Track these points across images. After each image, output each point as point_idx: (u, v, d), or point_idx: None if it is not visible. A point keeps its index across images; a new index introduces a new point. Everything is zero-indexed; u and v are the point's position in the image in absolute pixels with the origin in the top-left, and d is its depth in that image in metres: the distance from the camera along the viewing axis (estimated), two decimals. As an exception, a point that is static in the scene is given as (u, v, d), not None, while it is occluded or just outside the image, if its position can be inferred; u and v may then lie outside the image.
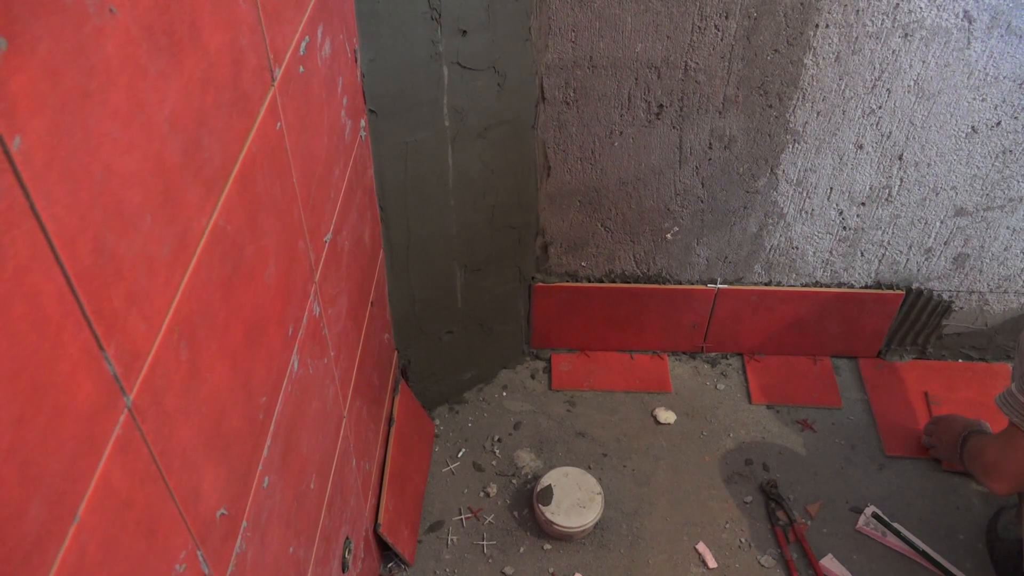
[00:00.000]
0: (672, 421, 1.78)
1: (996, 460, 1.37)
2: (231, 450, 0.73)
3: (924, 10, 1.35)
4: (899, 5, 1.35)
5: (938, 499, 1.64)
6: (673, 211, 1.65)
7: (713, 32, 1.39)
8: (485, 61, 1.36)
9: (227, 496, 0.72)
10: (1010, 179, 1.57)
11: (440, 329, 1.68)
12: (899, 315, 1.82)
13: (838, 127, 1.51)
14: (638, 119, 1.51)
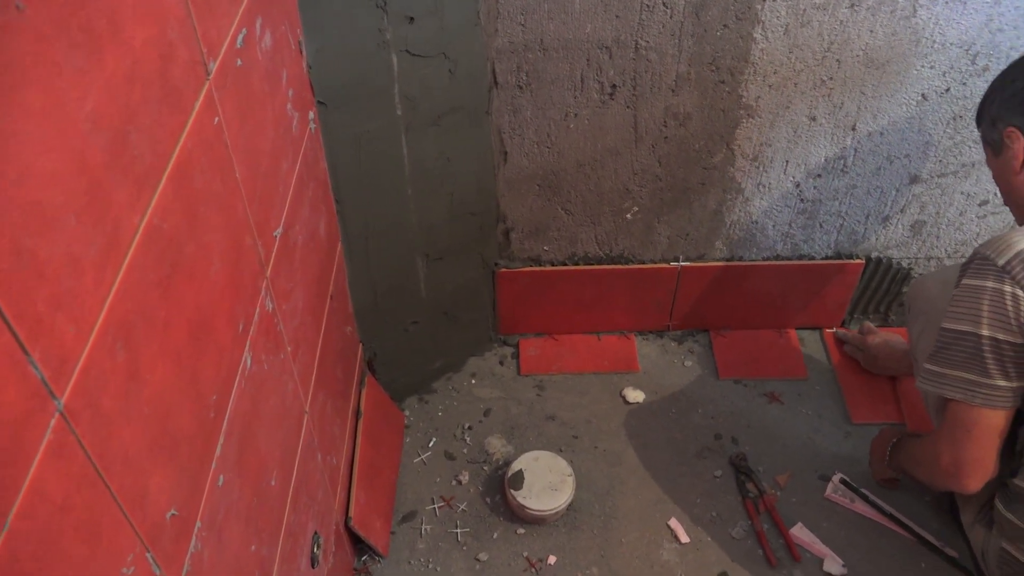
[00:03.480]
0: (641, 400, 1.79)
1: (953, 455, 1.23)
2: (180, 450, 0.72)
3: (869, -20, 1.36)
4: (844, -24, 1.36)
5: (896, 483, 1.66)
6: (632, 191, 1.65)
7: (662, 10, 1.39)
8: (435, 48, 1.35)
9: (178, 496, 0.71)
10: (961, 145, 1.59)
11: (405, 319, 1.67)
12: (860, 284, 1.84)
13: (791, 100, 1.52)
14: (592, 100, 1.51)
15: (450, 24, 1.33)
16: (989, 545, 1.33)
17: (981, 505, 1.35)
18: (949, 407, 1.23)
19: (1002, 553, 1.30)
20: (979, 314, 1.16)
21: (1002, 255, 1.14)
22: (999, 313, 1.14)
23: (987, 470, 1.22)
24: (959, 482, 1.24)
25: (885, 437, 1.52)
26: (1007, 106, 1.22)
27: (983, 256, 1.16)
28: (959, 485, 1.24)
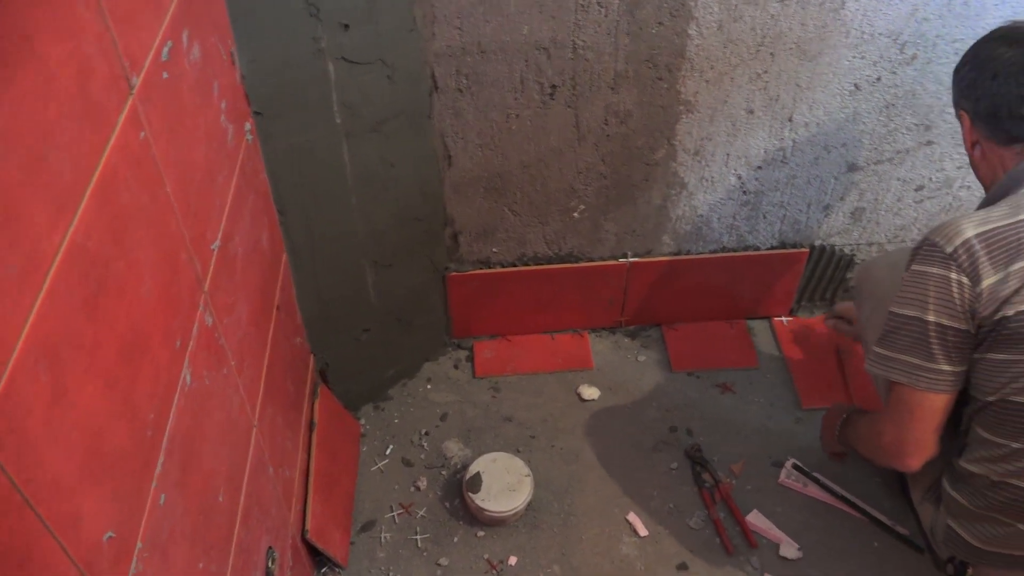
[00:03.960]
0: (596, 397, 1.80)
1: (895, 435, 1.25)
2: (116, 470, 0.71)
3: (797, -26, 1.39)
4: (772, -29, 1.38)
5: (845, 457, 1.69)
6: (577, 189, 1.66)
7: (597, 9, 1.40)
8: (372, 54, 1.34)
9: (116, 518, 0.70)
10: (895, 132, 1.63)
11: (356, 328, 1.66)
12: (806, 272, 1.87)
13: (728, 94, 1.54)
14: (533, 101, 1.51)
15: (386, 30, 1.33)
16: (937, 522, 1.37)
17: (930, 483, 1.39)
18: (894, 389, 1.25)
19: (948, 530, 1.33)
20: (926, 300, 1.17)
21: (951, 242, 1.15)
22: (945, 299, 1.16)
23: (927, 450, 1.24)
24: (900, 461, 1.26)
25: (836, 412, 1.53)
26: (959, 91, 1.25)
27: (932, 242, 1.18)
28: (900, 464, 1.27)
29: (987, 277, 1.12)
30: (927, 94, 1.57)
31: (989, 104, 1.18)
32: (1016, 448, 1.18)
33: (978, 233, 1.14)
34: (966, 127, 1.25)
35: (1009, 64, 1.16)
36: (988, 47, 1.20)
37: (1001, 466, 1.21)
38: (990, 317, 1.13)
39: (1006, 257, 1.12)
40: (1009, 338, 1.13)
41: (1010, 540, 1.25)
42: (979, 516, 1.26)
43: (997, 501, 1.23)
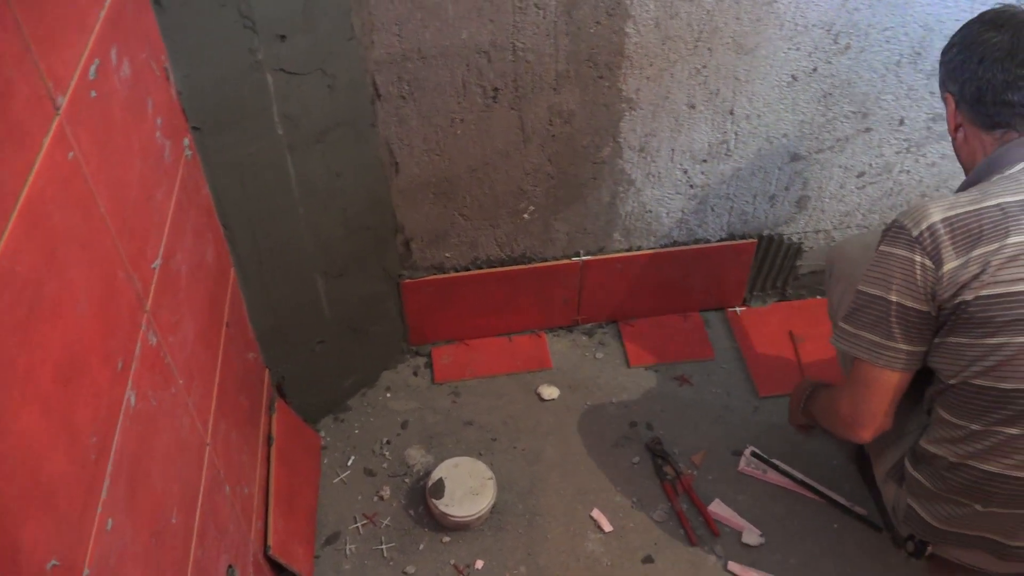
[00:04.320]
0: (556, 396, 1.81)
1: (851, 407, 1.29)
2: (57, 497, 0.69)
3: (729, -31, 1.41)
4: (705, -33, 1.40)
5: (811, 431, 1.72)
6: (526, 191, 1.67)
7: (534, 11, 1.41)
8: (311, 64, 1.33)
9: (59, 545, 0.69)
10: (834, 121, 1.66)
11: (311, 340, 1.65)
12: (756, 263, 1.90)
13: (669, 90, 1.56)
14: (476, 105, 1.52)
15: (324, 39, 1.33)
16: (898, 501, 1.39)
17: (894, 463, 1.41)
18: (855, 364, 1.28)
19: (908, 509, 1.36)
20: (890, 280, 1.20)
21: (917, 225, 1.17)
22: (908, 281, 1.18)
23: (880, 424, 1.28)
24: (854, 431, 1.30)
25: (803, 387, 1.56)
26: (946, 73, 1.26)
27: (900, 225, 1.20)
28: (854, 434, 1.30)
29: (949, 261, 1.14)
30: (862, 82, 1.61)
31: (975, 88, 1.19)
32: (975, 430, 1.21)
33: (944, 218, 1.15)
34: (951, 110, 1.26)
35: (996, 49, 1.17)
36: (976, 30, 1.21)
37: (960, 447, 1.23)
38: (949, 301, 1.15)
39: (968, 243, 1.13)
40: (968, 322, 1.15)
41: (966, 520, 1.28)
42: (938, 497, 1.29)
43: (955, 482, 1.26)
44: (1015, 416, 1.17)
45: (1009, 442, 1.18)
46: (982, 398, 1.19)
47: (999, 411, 1.18)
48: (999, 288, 1.12)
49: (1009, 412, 1.17)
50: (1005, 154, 1.19)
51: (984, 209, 1.15)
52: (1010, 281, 1.12)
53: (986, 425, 1.19)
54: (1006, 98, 1.17)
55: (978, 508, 1.26)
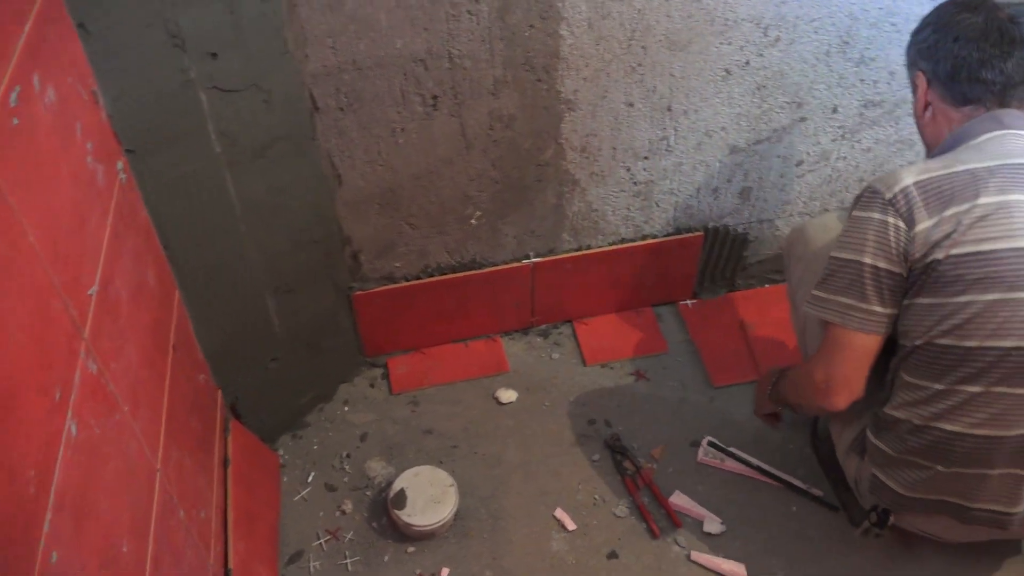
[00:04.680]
0: (514, 399, 1.81)
1: (825, 374, 1.31)
2: (-5, 534, 0.68)
3: (657, -32, 1.43)
4: (633, -33, 1.42)
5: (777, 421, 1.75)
6: (472, 196, 1.67)
7: (468, 18, 1.42)
8: (245, 80, 1.32)
9: (-1, 584, 0.67)
10: (770, 112, 1.69)
11: (263, 358, 1.63)
12: (703, 255, 1.93)
13: (606, 89, 1.58)
14: (416, 113, 1.52)
15: (257, 55, 1.32)
16: (862, 473, 1.43)
17: (855, 436, 1.44)
18: (827, 329, 1.31)
19: (873, 479, 1.39)
20: (864, 243, 1.24)
21: (890, 189, 1.22)
22: (882, 243, 1.22)
23: (854, 389, 1.30)
24: (828, 399, 1.32)
25: (769, 374, 1.58)
26: (919, 51, 1.31)
27: (874, 189, 1.24)
28: (828, 402, 1.32)
29: (921, 222, 1.19)
30: (795, 73, 1.64)
31: (950, 66, 1.25)
32: (939, 390, 1.25)
33: (916, 181, 1.21)
34: (922, 89, 1.31)
35: (971, 28, 1.23)
36: (949, 12, 1.27)
37: (924, 408, 1.27)
38: (921, 260, 1.20)
39: (940, 204, 1.19)
40: (938, 282, 1.19)
41: (930, 483, 1.31)
42: (901, 462, 1.32)
43: (918, 445, 1.29)
44: (976, 374, 1.21)
45: (971, 400, 1.22)
46: (946, 357, 1.22)
47: (961, 369, 1.21)
48: (969, 247, 1.17)
49: (971, 370, 1.21)
50: (971, 128, 1.25)
51: (955, 173, 1.20)
52: (979, 240, 1.17)
53: (949, 384, 1.23)
54: (980, 76, 1.23)
55: (940, 469, 1.29)
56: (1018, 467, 1.25)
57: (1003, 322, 1.17)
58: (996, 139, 1.22)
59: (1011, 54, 1.21)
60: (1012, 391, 1.20)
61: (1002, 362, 1.19)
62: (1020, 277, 1.16)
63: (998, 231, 1.16)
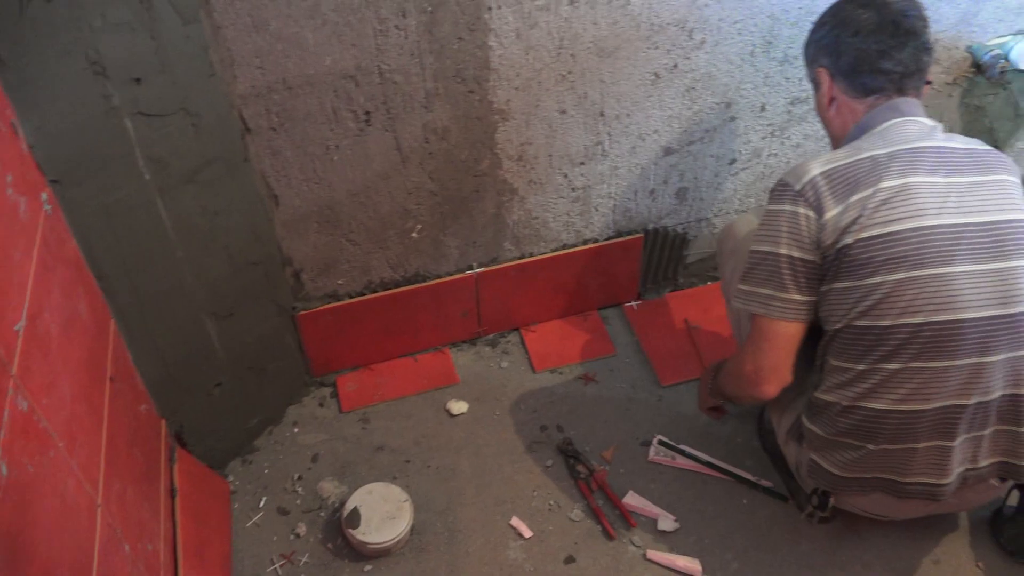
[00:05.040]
0: (465, 410, 1.81)
1: (754, 364, 1.35)
2: (-80, 583, 0.66)
3: (580, -23, 1.45)
4: (557, -24, 1.44)
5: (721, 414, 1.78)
6: (411, 210, 1.67)
7: (396, 33, 1.42)
8: (172, 105, 1.31)
9: (-73, 633, 0.65)
10: (700, 113, 1.73)
11: (207, 384, 1.61)
12: (645, 256, 1.95)
13: (539, 98, 1.59)
14: (350, 130, 1.51)
15: (183, 79, 1.30)
16: (801, 458, 1.46)
17: (791, 423, 1.48)
18: (753, 321, 1.36)
19: (811, 463, 1.42)
20: (779, 234, 1.29)
21: (799, 180, 1.28)
22: (795, 233, 1.28)
23: (782, 376, 1.35)
24: (759, 388, 1.36)
25: (709, 370, 1.62)
26: (819, 48, 1.38)
27: (784, 183, 1.31)
28: (759, 391, 1.37)
29: (830, 210, 1.25)
30: (722, 74, 1.68)
31: (852, 59, 1.32)
32: (862, 370, 1.29)
33: (823, 171, 1.27)
34: (825, 84, 1.37)
35: (867, 23, 1.30)
36: (846, 9, 1.34)
37: (850, 390, 1.31)
38: (833, 246, 1.25)
39: (846, 191, 1.25)
40: (850, 265, 1.25)
41: (863, 462, 1.36)
42: (834, 443, 1.36)
43: (848, 425, 1.33)
44: (894, 351, 1.26)
45: (891, 378, 1.27)
46: (865, 338, 1.27)
47: (879, 349, 1.27)
48: (876, 230, 1.23)
49: (888, 348, 1.26)
50: (873, 117, 1.32)
51: (858, 161, 1.26)
52: (884, 222, 1.23)
53: (870, 364, 1.28)
54: (880, 66, 1.30)
55: (871, 447, 1.33)
56: (941, 439, 1.30)
57: (912, 299, 1.23)
58: (895, 126, 1.29)
59: (906, 44, 1.29)
60: (927, 365, 1.25)
61: (915, 338, 1.24)
62: (923, 255, 1.22)
63: (900, 212, 1.22)
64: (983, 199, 1.25)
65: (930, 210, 1.23)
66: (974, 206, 1.24)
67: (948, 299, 1.22)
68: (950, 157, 1.27)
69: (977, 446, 1.33)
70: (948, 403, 1.27)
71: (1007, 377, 1.28)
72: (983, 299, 1.23)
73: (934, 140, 1.28)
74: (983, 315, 1.23)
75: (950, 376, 1.26)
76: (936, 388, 1.26)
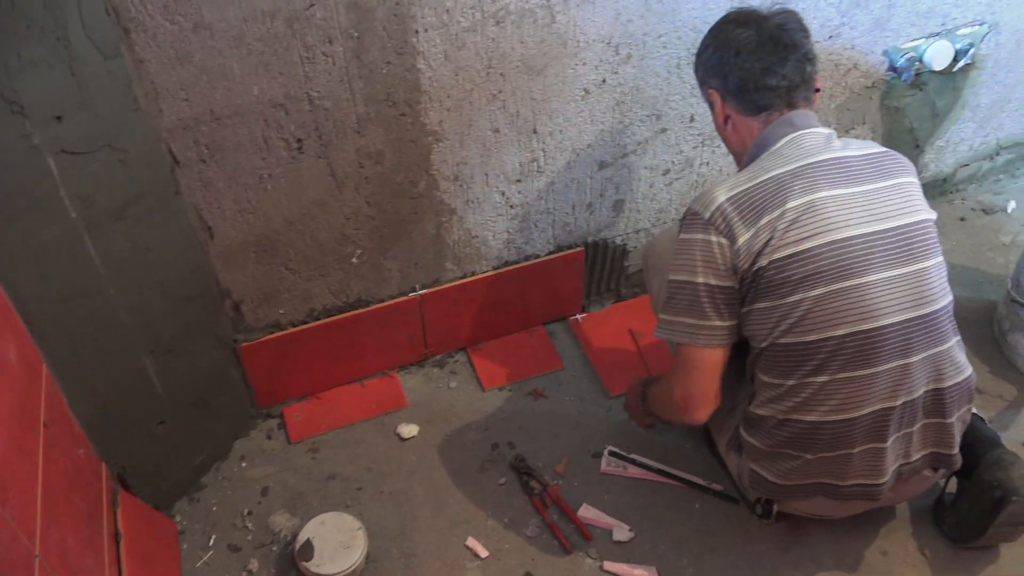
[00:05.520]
0: (416, 433, 1.80)
1: (683, 391, 1.38)
2: None
3: (505, -3, 1.47)
4: (482, -2, 1.46)
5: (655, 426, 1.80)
6: (350, 235, 1.66)
7: (323, 59, 1.42)
8: (96, 141, 1.29)
9: None
10: (631, 126, 1.75)
11: (148, 423, 1.57)
12: (587, 269, 1.97)
13: (471, 118, 1.60)
14: (282, 158, 1.50)
15: (106, 114, 1.28)
16: (742, 468, 1.49)
17: (731, 434, 1.50)
18: (678, 349, 1.38)
19: (752, 473, 1.45)
20: (694, 263, 1.31)
21: (707, 209, 1.30)
22: (709, 261, 1.30)
23: (711, 401, 1.38)
24: (689, 414, 1.39)
25: (636, 387, 1.63)
26: (706, 70, 1.40)
27: (693, 212, 1.33)
28: (689, 417, 1.39)
29: (741, 235, 1.27)
30: (649, 87, 1.71)
31: (737, 78, 1.34)
32: (791, 385, 1.32)
33: (729, 197, 1.29)
34: (718, 104, 1.39)
35: (747, 42, 1.32)
36: (726, 30, 1.37)
37: (782, 404, 1.34)
38: (749, 270, 1.27)
39: (754, 215, 1.27)
40: (768, 286, 1.27)
41: (802, 470, 1.38)
42: (773, 454, 1.39)
43: (785, 437, 1.36)
44: (821, 365, 1.29)
45: (821, 390, 1.30)
46: (790, 355, 1.30)
47: (807, 364, 1.30)
48: (788, 249, 1.25)
49: (815, 363, 1.29)
50: (770, 134, 1.34)
51: (762, 183, 1.29)
52: (796, 241, 1.25)
53: (799, 379, 1.31)
54: (765, 83, 1.33)
55: (808, 457, 1.36)
56: (875, 441, 1.34)
57: (833, 312, 1.26)
58: (793, 141, 1.32)
59: (787, 58, 1.32)
60: (855, 374, 1.29)
61: (840, 350, 1.27)
62: (839, 268, 1.26)
63: (811, 230, 1.25)
64: (888, 205, 1.29)
65: (839, 223, 1.26)
66: (880, 213, 1.28)
67: (868, 308, 1.26)
68: (850, 166, 1.31)
69: (908, 442, 1.37)
70: (878, 407, 1.31)
71: (928, 374, 1.33)
72: (899, 304, 1.27)
73: (832, 151, 1.31)
74: (901, 319, 1.27)
75: (877, 382, 1.29)
76: (865, 395, 1.30)
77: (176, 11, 1.27)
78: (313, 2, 1.35)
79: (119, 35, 1.25)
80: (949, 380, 1.34)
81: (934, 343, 1.31)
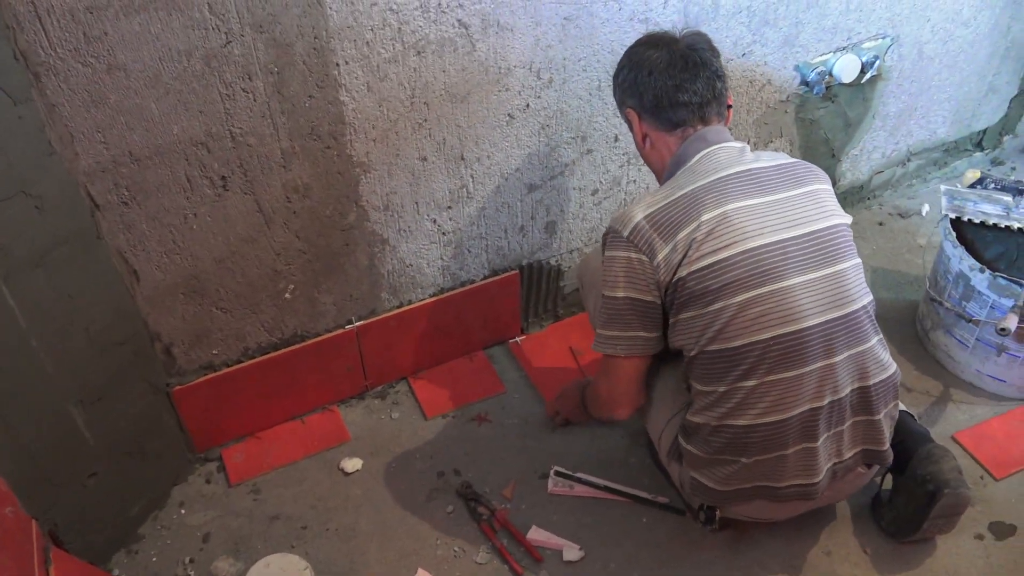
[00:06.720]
0: (360, 467, 1.78)
1: (607, 391, 1.50)
2: None
3: (424, 28, 1.49)
4: (401, 28, 1.47)
5: (606, 438, 1.81)
6: (281, 270, 1.65)
7: (243, 96, 1.41)
8: (10, 188, 1.26)
9: None
10: (557, 149, 1.78)
11: (79, 475, 1.52)
12: (523, 292, 1.99)
13: (398, 148, 1.61)
14: (207, 196, 1.49)
15: (19, 159, 1.25)
16: (683, 476, 1.51)
17: (670, 444, 1.53)
18: (604, 356, 1.47)
19: (693, 481, 1.47)
20: (617, 279, 1.38)
21: (626, 227, 1.35)
22: (631, 276, 1.36)
23: (634, 401, 1.50)
24: (613, 411, 1.52)
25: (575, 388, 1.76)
26: (623, 91, 1.46)
27: (613, 230, 1.38)
28: (615, 413, 1.52)
29: (660, 251, 1.32)
30: (573, 110, 1.74)
31: (652, 96, 1.40)
32: (722, 391, 1.36)
33: (646, 215, 1.34)
34: (636, 123, 1.45)
35: (659, 62, 1.38)
36: (639, 52, 1.43)
37: (715, 410, 1.38)
38: (670, 283, 1.33)
39: (671, 230, 1.32)
40: (690, 296, 1.32)
41: (739, 475, 1.41)
42: (711, 461, 1.42)
43: (720, 443, 1.39)
44: (749, 370, 1.33)
45: (751, 394, 1.34)
46: (719, 361, 1.34)
47: (735, 369, 1.34)
48: (705, 260, 1.31)
49: (744, 367, 1.33)
50: (686, 150, 1.40)
51: (677, 199, 1.34)
52: (712, 252, 1.31)
53: (729, 384, 1.35)
54: (679, 99, 1.39)
55: (744, 461, 1.39)
56: (806, 441, 1.38)
57: (756, 317, 1.31)
58: (706, 156, 1.38)
59: (698, 75, 1.38)
60: (782, 376, 1.33)
61: (767, 353, 1.32)
62: (756, 275, 1.31)
63: (725, 240, 1.31)
64: (801, 211, 1.35)
65: (752, 232, 1.31)
66: (793, 220, 1.34)
67: (789, 311, 1.31)
68: (761, 177, 1.36)
69: (839, 440, 1.41)
70: (806, 408, 1.35)
71: (852, 373, 1.37)
72: (820, 305, 1.32)
73: (743, 164, 1.37)
74: (822, 320, 1.32)
75: (803, 383, 1.34)
76: (793, 396, 1.34)
77: (88, 53, 1.25)
78: (230, 39, 1.34)
79: (29, 80, 1.23)
80: (874, 378, 1.39)
81: (856, 342, 1.35)
